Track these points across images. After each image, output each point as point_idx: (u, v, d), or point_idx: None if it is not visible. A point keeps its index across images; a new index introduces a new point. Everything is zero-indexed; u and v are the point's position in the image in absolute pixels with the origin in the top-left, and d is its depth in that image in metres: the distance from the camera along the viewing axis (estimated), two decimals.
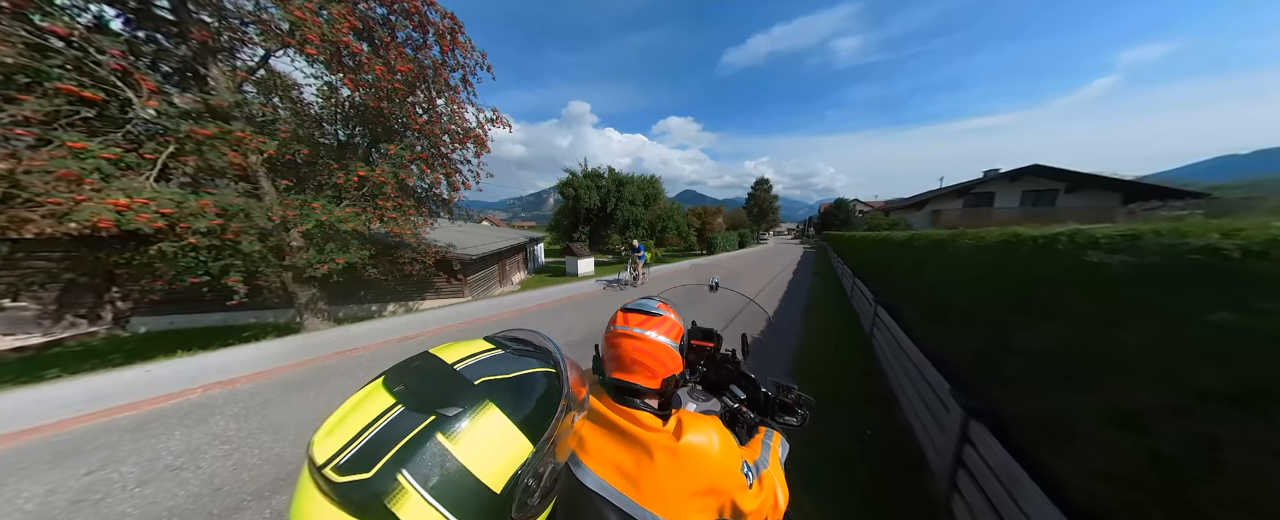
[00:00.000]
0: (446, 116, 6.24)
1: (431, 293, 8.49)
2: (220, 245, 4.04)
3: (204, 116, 3.95)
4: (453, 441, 0.25)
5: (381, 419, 0.25)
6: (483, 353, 0.32)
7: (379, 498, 0.23)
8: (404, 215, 5.79)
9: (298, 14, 4.04)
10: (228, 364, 3.24)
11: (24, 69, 3.15)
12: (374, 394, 0.27)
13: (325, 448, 0.24)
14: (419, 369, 0.29)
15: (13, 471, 1.80)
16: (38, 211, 3.09)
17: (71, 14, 3.61)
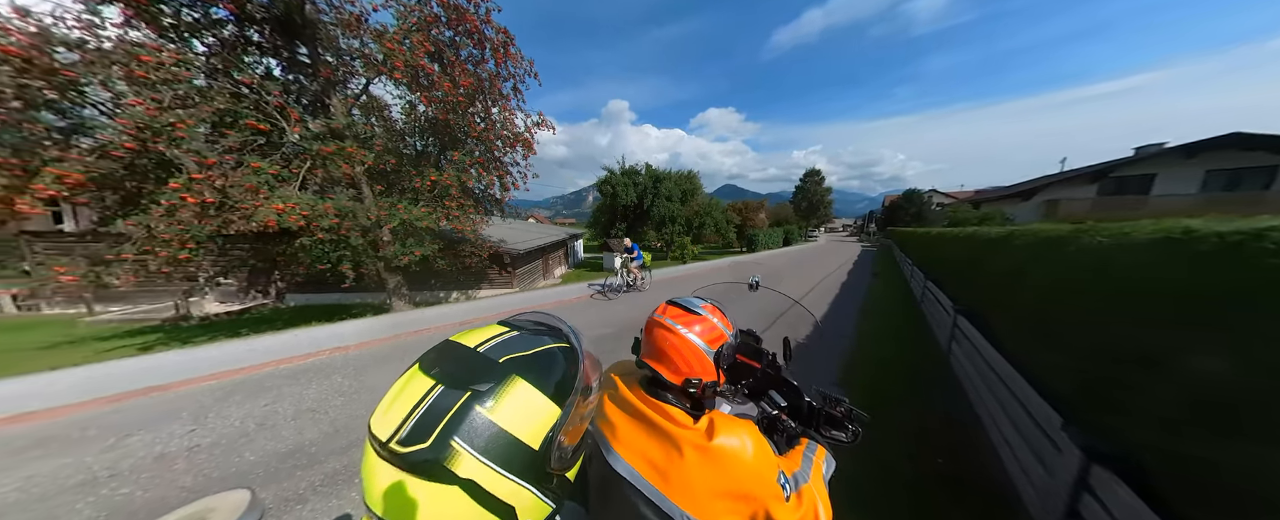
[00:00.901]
0: (499, 123, 6.88)
1: (486, 283, 9.54)
2: (337, 239, 5.07)
3: (327, 137, 4.99)
4: (490, 411, 0.29)
5: (426, 398, 0.29)
6: (500, 335, 0.36)
7: (439, 461, 0.27)
8: (465, 214, 6.59)
9: (389, 46, 4.84)
10: (343, 334, 4.09)
11: (229, 111, 4.32)
12: (415, 378, 0.31)
13: (384, 425, 0.28)
14: (447, 354, 0.33)
15: (230, 398, 2.55)
16: (236, 214, 4.24)
17: (253, 67, 4.84)
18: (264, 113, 4.60)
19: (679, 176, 21.07)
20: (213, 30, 4.57)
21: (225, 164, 4.19)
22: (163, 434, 2.07)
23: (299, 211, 4.42)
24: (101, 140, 3.83)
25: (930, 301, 4.37)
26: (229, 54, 4.63)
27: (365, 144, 5.45)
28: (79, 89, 3.79)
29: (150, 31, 4.09)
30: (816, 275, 8.96)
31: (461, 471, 0.27)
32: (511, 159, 7.44)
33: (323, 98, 5.34)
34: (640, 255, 6.59)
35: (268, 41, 5.01)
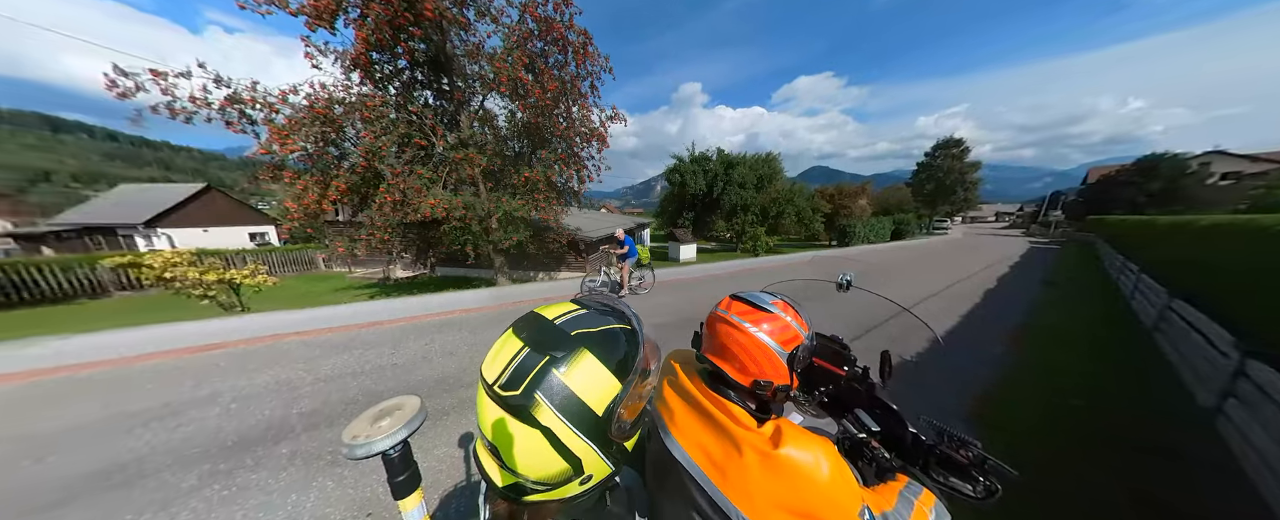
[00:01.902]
0: (578, 121, 7.53)
1: (564, 266, 10.88)
2: (463, 227, 6.60)
3: (459, 147, 6.45)
4: (564, 375, 0.34)
5: (517, 356, 0.36)
6: (572, 311, 0.41)
7: (526, 408, 0.34)
8: (550, 205, 7.60)
9: (498, 65, 5.84)
10: (466, 300, 5.40)
11: (406, 134, 6.08)
12: (509, 340, 0.38)
13: (491, 371, 0.36)
14: (532, 323, 0.40)
15: (407, 336, 3.75)
16: (409, 208, 6.02)
17: (419, 100, 6.63)
18: (423, 132, 6.26)
19: (754, 160, 18.98)
20: (398, 76, 6.40)
21: (404, 173, 5.93)
22: (382, 353, 3.20)
23: (442, 206, 5.92)
24: (352, 162, 5.93)
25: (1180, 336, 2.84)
26: (406, 92, 6.43)
27: (481, 150, 6.82)
28: (341, 129, 5.94)
29: (369, 84, 6.02)
30: (936, 279, 6.87)
31: (542, 419, 0.34)
32: (588, 153, 8.10)
33: (455, 116, 6.89)
34: (634, 250, 5.36)
35: (425, 78, 6.71)
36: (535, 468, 0.35)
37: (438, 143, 6.30)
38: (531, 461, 0.35)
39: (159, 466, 1.73)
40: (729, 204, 17.59)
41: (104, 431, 2.01)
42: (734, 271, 8.68)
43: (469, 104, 7.19)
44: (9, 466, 1.75)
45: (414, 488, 0.55)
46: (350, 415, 2.19)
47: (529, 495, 0.37)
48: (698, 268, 9.74)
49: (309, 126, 5.32)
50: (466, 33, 6.30)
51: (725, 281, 7.22)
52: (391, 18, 5.18)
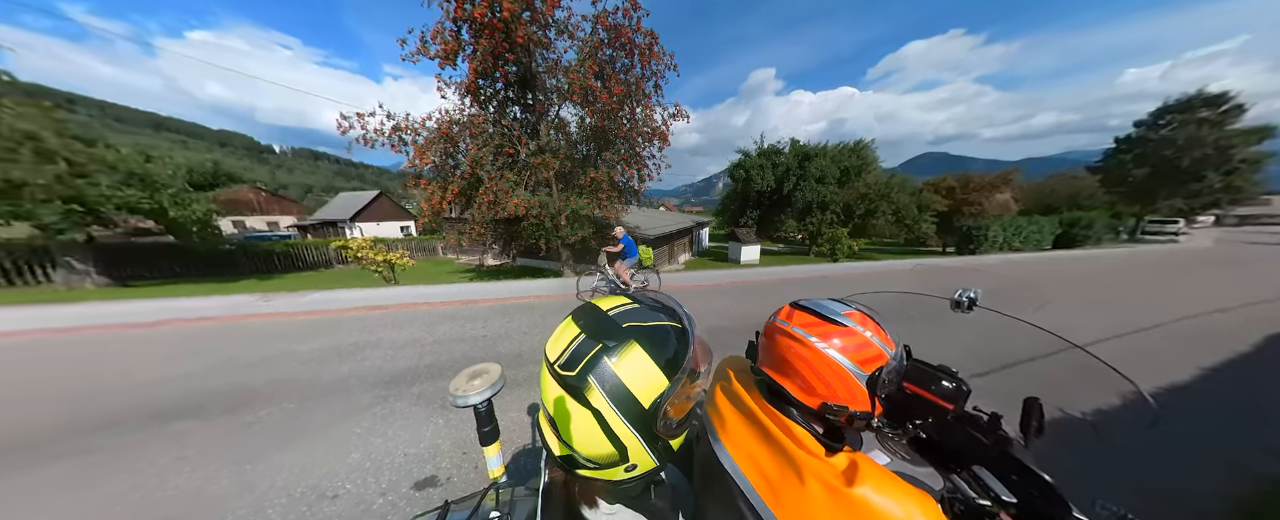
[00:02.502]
0: (641, 121, 7.72)
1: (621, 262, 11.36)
2: (538, 223, 7.55)
3: (538, 152, 7.38)
4: (614, 365, 0.36)
5: (575, 341, 0.39)
6: (626, 305, 0.43)
7: (580, 389, 0.36)
8: (611, 203, 8.04)
9: (572, 76, 6.44)
10: (537, 288, 6.17)
11: (500, 146, 7.27)
12: (569, 325, 0.42)
13: (552, 351, 0.40)
14: (589, 313, 0.43)
15: (494, 314, 4.53)
16: (498, 208, 7.21)
17: (509, 114, 7.83)
18: (511, 142, 7.36)
19: (838, 151, 16.24)
20: (496, 97, 7.67)
21: (496, 177, 7.11)
22: (476, 326, 3.94)
23: (523, 205, 6.88)
24: (462, 170, 7.43)
25: None
26: (501, 109, 7.67)
27: (555, 155, 7.65)
28: (457, 144, 7.48)
29: (475, 106, 7.39)
30: (1146, 310, 4.71)
31: (593, 402, 0.37)
32: (649, 152, 8.25)
33: (536, 126, 7.88)
34: (634, 250, 5.11)
35: (514, 96, 7.86)
36: (586, 445, 0.38)
37: (522, 150, 7.33)
38: (583, 439, 0.38)
39: (351, 386, 2.52)
40: (802, 201, 15.49)
41: (330, 355, 3.05)
42: (803, 278, 7.68)
43: (547, 114, 8.11)
44: (309, 366, 2.81)
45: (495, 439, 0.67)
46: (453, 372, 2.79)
47: (580, 469, 0.40)
48: (759, 271, 8.96)
49: (437, 144, 6.85)
50: (548, 51, 7.12)
51: (793, 288, 6.46)
52: (493, 48, 6.24)
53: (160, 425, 2.03)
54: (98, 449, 1.83)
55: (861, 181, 15.11)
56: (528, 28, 6.20)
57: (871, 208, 14.57)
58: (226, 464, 1.74)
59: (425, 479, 1.65)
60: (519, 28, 6.04)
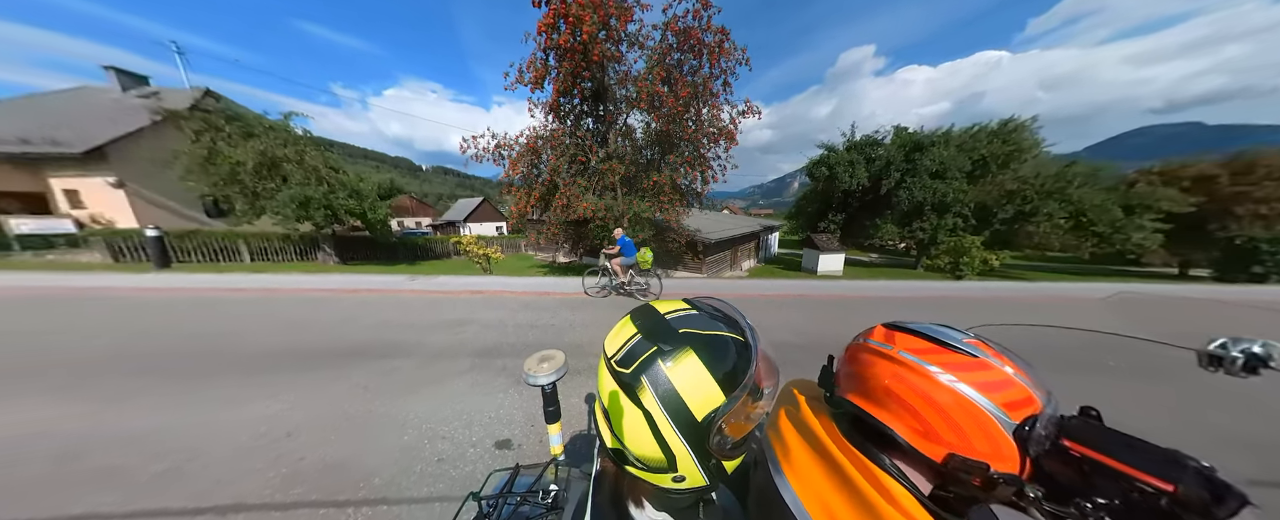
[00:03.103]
0: (707, 121, 7.51)
1: (681, 266, 11.19)
2: (603, 225, 8.06)
3: (605, 159, 7.92)
4: (668, 369, 0.37)
5: (631, 340, 0.39)
6: (683, 310, 0.43)
7: (634, 387, 0.37)
8: (673, 206, 8.03)
9: (639, 85, 6.72)
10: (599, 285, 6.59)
11: (574, 155, 8.10)
12: (627, 324, 0.43)
13: (610, 346, 0.42)
14: (646, 314, 0.43)
15: (563, 306, 5.03)
16: (570, 210, 8.01)
17: (583, 125, 8.65)
18: (583, 151, 8.10)
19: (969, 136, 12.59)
20: (573, 112, 8.57)
21: (570, 183, 7.91)
22: (546, 314, 4.45)
23: (591, 208, 7.48)
24: (543, 178, 8.54)
25: None
26: (576, 122, 8.53)
27: (621, 160, 8.07)
28: (540, 156, 8.65)
29: (556, 121, 8.40)
30: None
31: (645, 403, 0.36)
32: (714, 153, 7.96)
33: (606, 135, 8.47)
34: (632, 250, 5.07)
35: (588, 109, 8.63)
36: (635, 444, 0.38)
37: (592, 158, 7.99)
38: (632, 437, 0.38)
39: (456, 353, 3.15)
40: (908, 201, 12.52)
41: (444, 326, 3.89)
42: (904, 297, 6.19)
43: (616, 123, 8.64)
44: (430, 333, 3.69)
45: (557, 419, 0.74)
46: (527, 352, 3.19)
47: (629, 466, 0.40)
48: (841, 284, 7.60)
49: (525, 157, 8.04)
50: (619, 64, 7.60)
51: (887, 308, 5.28)
52: (573, 68, 7.00)
53: (347, 359, 2.92)
54: (329, 366, 2.74)
55: (1008, 174, 11.28)
56: (603, 45, 6.75)
57: (1026, 209, 10.68)
58: (378, 396, 2.37)
59: (503, 440, 1.93)
60: (595, 46, 6.62)
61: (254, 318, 4.11)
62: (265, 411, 2.16)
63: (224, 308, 4.49)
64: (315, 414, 2.15)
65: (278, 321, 3.96)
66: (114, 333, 3.48)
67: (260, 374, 2.65)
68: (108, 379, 2.54)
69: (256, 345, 3.20)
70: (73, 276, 6.22)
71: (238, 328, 3.72)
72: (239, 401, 2.27)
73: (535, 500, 0.58)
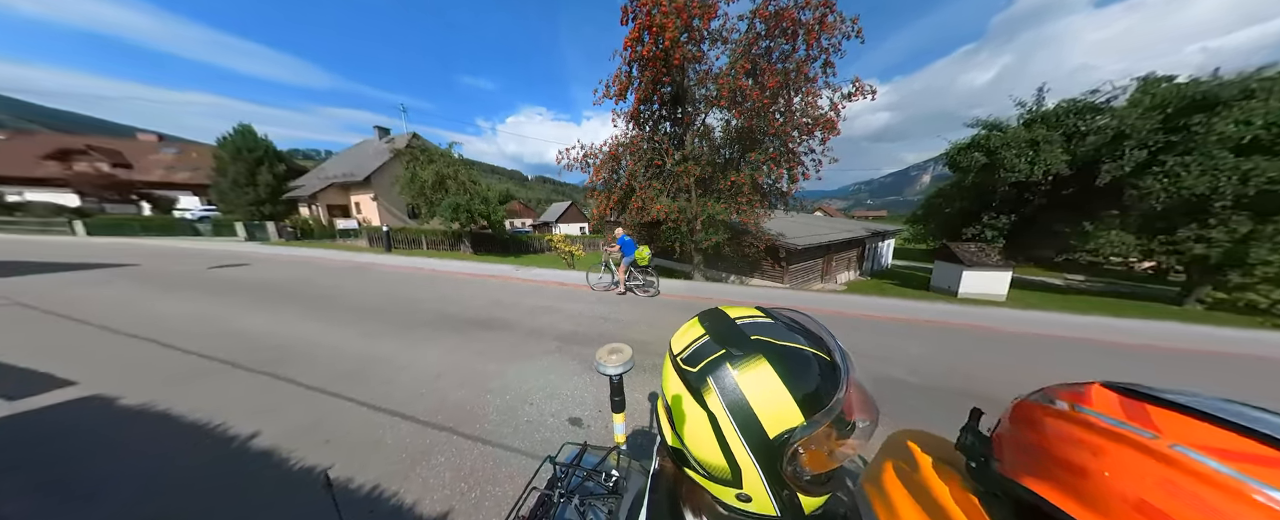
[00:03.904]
0: (799, 111, 6.60)
1: (759, 273, 10.17)
2: (675, 227, 8.08)
3: (681, 161, 7.92)
4: (737, 375, 0.35)
5: (699, 340, 0.40)
6: (756, 317, 0.40)
7: (698, 388, 0.36)
8: (751, 208, 7.39)
9: (720, 82, 6.44)
10: (668, 287, 6.61)
11: (651, 159, 8.43)
12: (694, 325, 0.43)
13: (677, 345, 0.43)
14: (715, 317, 0.43)
15: (631, 305, 5.31)
16: (644, 213, 8.34)
17: (661, 130, 8.89)
18: (660, 154, 8.30)
19: None
20: (652, 117, 8.91)
21: (646, 186, 8.24)
22: (614, 309, 4.76)
23: (664, 210, 7.60)
24: (621, 182, 9.17)
25: None
26: (654, 127, 8.82)
27: (697, 161, 7.91)
28: (620, 162, 9.33)
29: (635, 128, 8.90)
30: None
31: (710, 404, 0.36)
32: (805, 146, 6.95)
33: (682, 137, 8.45)
34: (631, 249, 5.19)
35: (667, 113, 8.79)
36: (697, 446, 0.37)
37: (668, 160, 8.11)
38: (694, 439, 0.37)
39: (544, 334, 3.72)
40: (1170, 195, 7.96)
41: (537, 311, 4.65)
42: (1135, 345, 3.97)
43: (694, 124, 8.53)
44: (527, 314, 4.53)
45: (622, 409, 0.80)
46: (599, 341, 3.49)
47: (688, 468, 0.40)
48: (1003, 314, 5.33)
49: (608, 163, 8.81)
50: (700, 64, 7.47)
51: (1093, 358, 3.48)
52: (654, 76, 7.28)
53: (472, 327, 3.83)
54: (462, 331, 3.69)
55: None
56: (684, 48, 6.77)
57: None
58: (490, 360, 3.02)
59: (575, 418, 2.17)
60: (677, 50, 6.70)
61: (426, 289, 5.85)
62: (430, 357, 3.05)
63: (413, 281, 6.56)
64: (453, 365, 2.90)
65: (437, 294, 5.52)
66: (365, 291, 5.56)
67: (429, 330, 3.76)
68: (361, 318, 4.08)
69: (428, 310, 4.55)
70: (353, 255, 10.26)
71: (419, 295, 5.38)
72: (420, 347, 3.29)
73: (598, 480, 0.63)
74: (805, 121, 6.65)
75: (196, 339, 3.33)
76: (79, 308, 4.19)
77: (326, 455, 1.83)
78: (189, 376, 2.62)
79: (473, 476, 1.71)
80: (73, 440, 1.90)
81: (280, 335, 3.52)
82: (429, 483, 1.66)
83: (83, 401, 2.26)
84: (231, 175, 16.04)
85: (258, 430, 1.99)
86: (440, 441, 1.95)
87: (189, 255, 8.99)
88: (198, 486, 1.59)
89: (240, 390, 2.45)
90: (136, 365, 2.79)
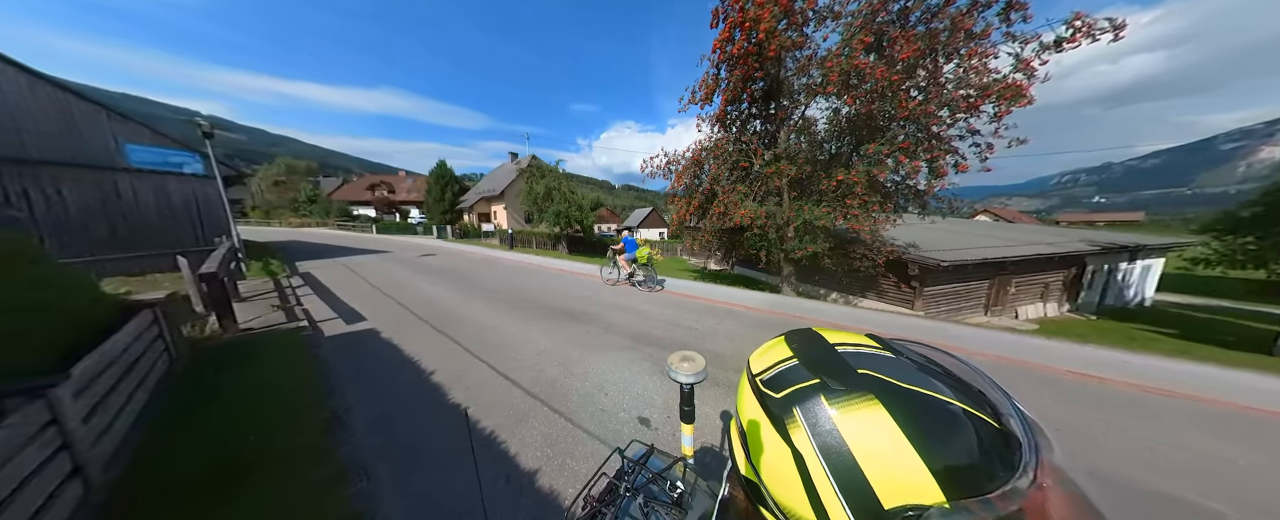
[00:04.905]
0: (953, 82, 4.97)
1: (874, 294, 8.11)
2: (761, 234, 7.31)
3: (771, 162, 7.12)
4: (837, 414, 0.29)
5: (783, 362, 0.36)
6: (866, 348, 0.33)
7: (781, 418, 0.33)
8: (866, 212, 5.96)
9: (828, 65, 5.50)
10: (748, 298, 6.00)
11: (736, 161, 7.94)
12: (779, 344, 0.38)
13: (757, 364, 0.39)
14: (807, 339, 0.37)
15: (707, 314, 5.10)
16: (726, 218, 7.89)
17: (749, 129, 8.26)
18: (747, 155, 7.70)
19: None
20: (740, 117, 8.38)
21: (729, 190, 7.79)
22: (690, 316, 4.65)
23: (749, 215, 6.99)
24: (702, 187, 8.96)
25: None
26: (742, 126, 8.26)
27: (792, 160, 6.95)
28: (702, 166, 9.14)
29: (721, 130, 8.54)
30: None
31: (795, 440, 0.31)
32: (963, 128, 5.17)
33: (775, 134, 7.60)
34: (633, 248, 6.13)
35: (758, 110, 8.10)
36: (776, 486, 0.32)
37: (756, 161, 7.44)
38: (774, 477, 0.32)
39: (620, 331, 3.99)
40: None
41: (615, 309, 5.03)
42: None
43: (790, 118, 7.57)
44: (608, 310, 4.99)
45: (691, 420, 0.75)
46: (671, 347, 3.48)
47: (763, 506, 0.35)
48: None
49: (690, 169, 8.77)
50: (801, 50, 6.57)
51: None
52: (744, 74, 6.82)
53: (563, 317, 4.44)
54: (556, 319, 4.36)
55: None
56: (781, 36, 6.10)
57: None
58: (575, 347, 3.43)
59: (644, 418, 2.23)
60: (773, 40, 6.10)
61: (532, 279, 7.18)
62: (534, 335, 3.73)
63: (523, 272, 8.17)
64: (550, 347, 3.44)
65: (538, 285, 6.69)
66: (492, 276, 7.27)
67: (531, 313, 4.60)
68: (489, 298, 5.35)
69: (534, 299, 5.56)
70: (487, 250, 13.65)
71: (526, 284, 6.66)
72: (524, 325, 4.06)
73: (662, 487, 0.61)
74: (964, 95, 4.89)
75: (408, 299, 5.17)
76: (365, 271, 7.73)
77: (466, 397, 2.48)
78: (404, 323, 4.10)
79: (556, 445, 1.98)
80: (363, 346, 3.40)
81: (445, 303, 5.06)
82: (526, 440, 2.01)
83: (368, 332, 3.88)
84: (433, 194, 24.27)
85: (434, 369, 2.91)
86: (536, 409, 2.34)
87: (411, 246, 13.91)
88: (404, 385, 2.68)
89: (426, 339, 3.61)
90: (386, 312, 4.55)
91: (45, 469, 1.35)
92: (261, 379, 2.70)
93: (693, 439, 0.77)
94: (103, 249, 6.07)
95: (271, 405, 2.37)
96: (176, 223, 6.94)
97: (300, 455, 1.89)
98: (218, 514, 1.52)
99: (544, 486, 1.69)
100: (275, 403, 2.40)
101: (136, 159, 6.47)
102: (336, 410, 2.31)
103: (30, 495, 1.28)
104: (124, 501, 1.57)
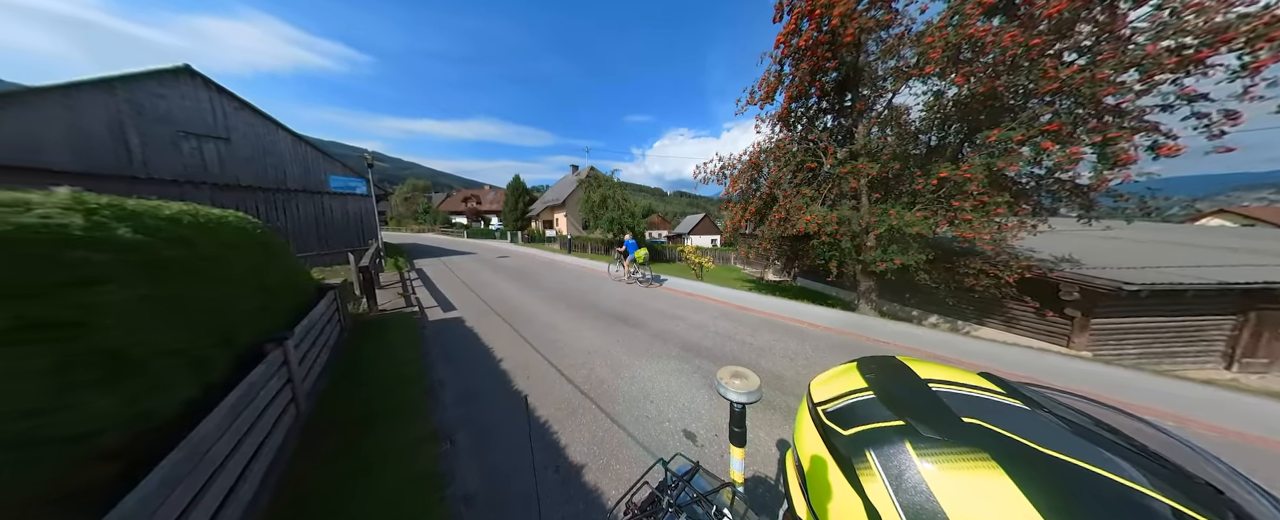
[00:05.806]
0: (1147, 32, 3.65)
1: (998, 320, 6.30)
2: (832, 242, 6.39)
3: (845, 161, 6.22)
4: (931, 469, 0.23)
5: (854, 394, 0.30)
6: (981, 391, 0.26)
7: (850, 461, 0.27)
8: (985, 216, 4.70)
9: (928, 40, 4.57)
10: (813, 314, 5.29)
11: (802, 162, 7.18)
12: (849, 372, 0.33)
13: (821, 392, 0.34)
14: (888, 370, 0.31)
15: (764, 328, 4.68)
16: (788, 225, 7.16)
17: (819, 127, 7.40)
18: (815, 155, 6.88)
19: None
20: (807, 114, 7.58)
21: (792, 194, 7.07)
22: (746, 330, 4.34)
23: (816, 221, 6.21)
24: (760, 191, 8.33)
25: None
26: (810, 123, 7.45)
27: (874, 158, 5.94)
28: (761, 170, 8.52)
29: (784, 130, 7.84)
30: None
31: (869, 490, 0.26)
32: (1169, 93, 3.74)
33: (851, 130, 6.63)
34: (632, 249, 7.31)
35: (830, 104, 7.21)
36: None
37: (826, 161, 6.59)
38: None
39: (669, 339, 3.94)
40: None
41: (664, 316, 5.01)
42: None
43: (871, 109, 6.53)
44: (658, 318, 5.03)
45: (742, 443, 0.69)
46: (722, 361, 3.29)
47: None
48: None
49: (746, 173, 8.27)
50: (889, 29, 5.64)
51: None
52: (813, 66, 6.16)
53: (612, 319, 4.61)
54: (605, 319, 4.56)
55: None
56: (862, 18, 5.34)
57: None
58: (624, 351, 3.51)
59: (690, 432, 2.15)
60: (851, 23, 5.38)
61: (586, 282, 7.69)
62: (586, 335, 3.98)
63: (578, 275, 8.82)
64: (600, 346, 3.62)
65: (590, 287, 7.11)
66: (552, 278, 8.03)
67: (584, 314, 4.91)
68: (549, 297, 5.90)
69: (584, 299, 5.95)
70: (550, 254, 15.17)
71: (581, 286, 7.16)
72: (582, 326, 4.36)
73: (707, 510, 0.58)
74: (1171, 46, 3.45)
75: (488, 295, 6.05)
76: (457, 268, 9.37)
77: (526, 386, 2.76)
78: (484, 315, 4.81)
79: (602, 445, 2.04)
80: (452, 331, 4.04)
81: (513, 299, 5.79)
82: (575, 436, 2.13)
83: (457, 319, 4.67)
84: (509, 204, 28.27)
85: (504, 357, 3.34)
86: (586, 406, 2.47)
87: (491, 249, 16.40)
88: (481, 368, 3.11)
89: (499, 331, 4.16)
90: (470, 304, 5.43)
91: (279, 395, 2.00)
92: (389, 350, 3.50)
93: (743, 465, 0.70)
94: (312, 247, 9.07)
95: (394, 370, 3.05)
96: (349, 229, 10.14)
97: (408, 411, 2.39)
98: (365, 444, 2.06)
99: (589, 483, 1.76)
100: (397, 368, 3.09)
101: (334, 185, 9.77)
102: (432, 382, 2.84)
103: (274, 409, 1.89)
104: (315, 430, 2.21)
